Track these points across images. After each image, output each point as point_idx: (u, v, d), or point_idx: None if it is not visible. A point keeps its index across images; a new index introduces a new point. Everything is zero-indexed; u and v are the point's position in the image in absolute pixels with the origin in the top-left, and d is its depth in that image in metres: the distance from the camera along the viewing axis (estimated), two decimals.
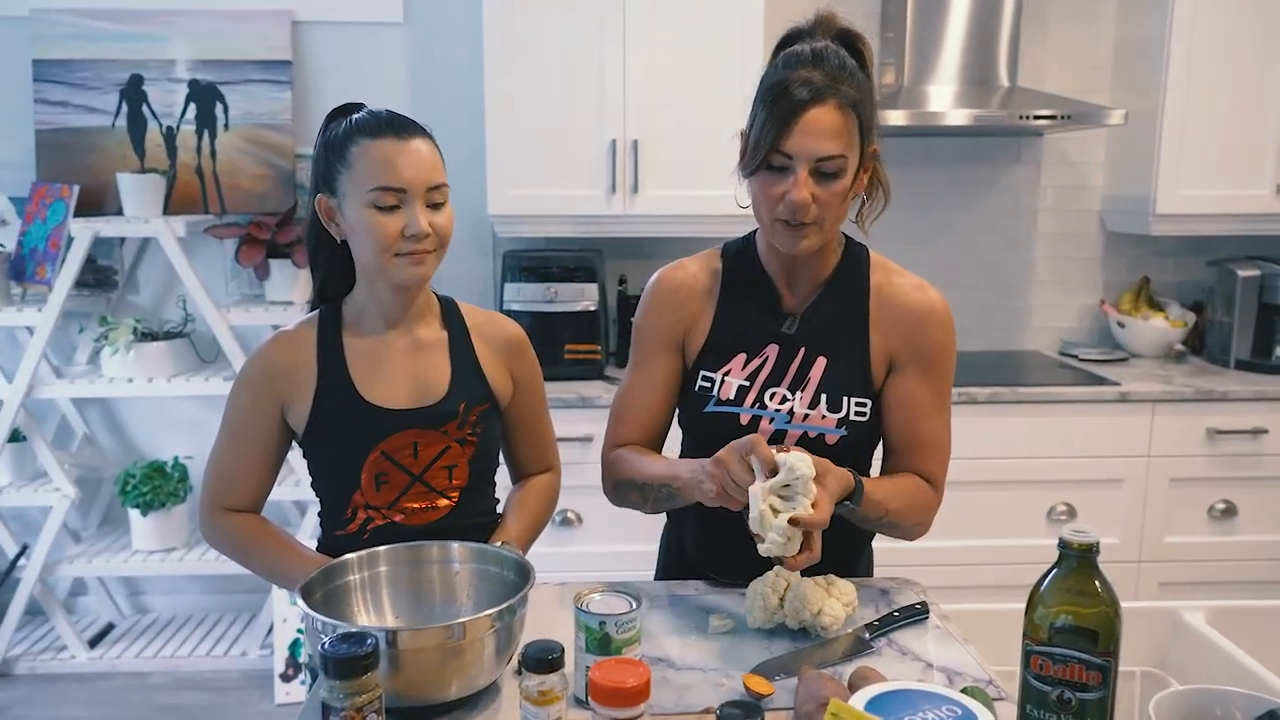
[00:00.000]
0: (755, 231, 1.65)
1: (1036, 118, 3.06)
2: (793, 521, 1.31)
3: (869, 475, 1.65)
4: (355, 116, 1.52)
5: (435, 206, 1.51)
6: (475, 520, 1.64)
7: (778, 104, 1.42)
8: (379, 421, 1.54)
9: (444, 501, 1.59)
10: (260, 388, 1.57)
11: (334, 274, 1.61)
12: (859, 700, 1.07)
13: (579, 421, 2.93)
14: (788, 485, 1.34)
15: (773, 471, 1.34)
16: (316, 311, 1.62)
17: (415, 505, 1.57)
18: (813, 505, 1.32)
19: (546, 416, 1.77)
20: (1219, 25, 3.16)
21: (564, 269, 3.17)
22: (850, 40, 1.50)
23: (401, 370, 1.58)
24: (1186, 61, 3.18)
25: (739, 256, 1.65)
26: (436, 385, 1.58)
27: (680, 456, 1.73)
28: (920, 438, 1.59)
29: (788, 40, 1.52)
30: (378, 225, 1.47)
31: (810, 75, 1.42)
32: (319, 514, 1.64)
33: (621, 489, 1.65)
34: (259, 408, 1.57)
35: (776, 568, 1.47)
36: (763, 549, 1.33)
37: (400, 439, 1.55)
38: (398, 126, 1.49)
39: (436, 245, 1.51)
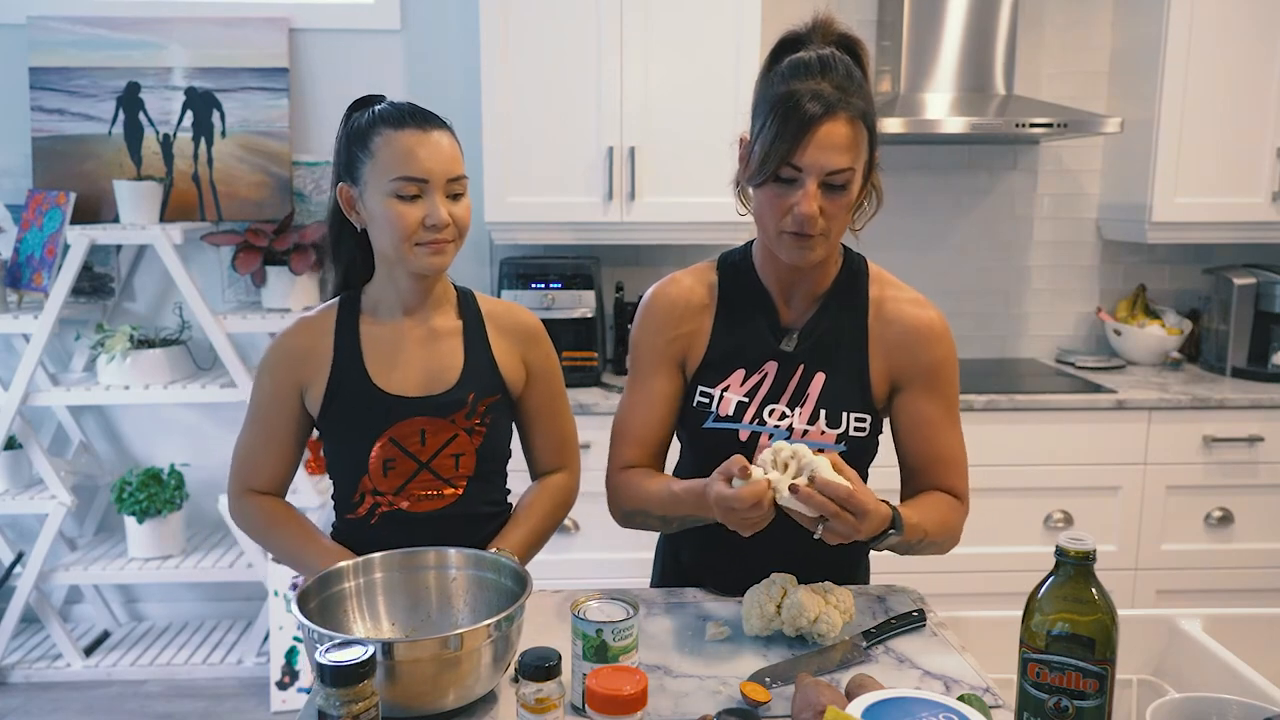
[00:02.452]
0: (751, 243, 1.64)
1: (1033, 126, 3.06)
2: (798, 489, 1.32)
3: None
4: (378, 107, 1.55)
5: (455, 197, 1.54)
6: (483, 509, 1.66)
7: (789, 117, 1.39)
8: (388, 408, 1.57)
9: (450, 490, 1.60)
10: (280, 372, 1.61)
11: (355, 263, 1.64)
12: (856, 708, 1.07)
13: (577, 429, 2.93)
14: (798, 472, 1.34)
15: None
16: (337, 299, 1.65)
17: (422, 492, 1.59)
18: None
19: (565, 411, 1.76)
20: (1215, 33, 3.17)
21: (561, 276, 3.18)
22: (849, 45, 1.48)
23: (415, 358, 1.60)
24: (1183, 70, 3.19)
25: (735, 269, 1.63)
26: (448, 374, 1.60)
27: (678, 470, 1.72)
28: (937, 455, 1.59)
29: (786, 45, 1.49)
30: (399, 214, 1.50)
31: (819, 87, 1.39)
32: (332, 496, 1.67)
33: (632, 517, 1.64)
34: (279, 391, 1.61)
35: (773, 575, 1.47)
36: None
37: (408, 426, 1.57)
38: (420, 118, 1.52)
39: (455, 235, 1.54)
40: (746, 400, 1.57)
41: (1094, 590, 1.08)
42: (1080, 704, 1.07)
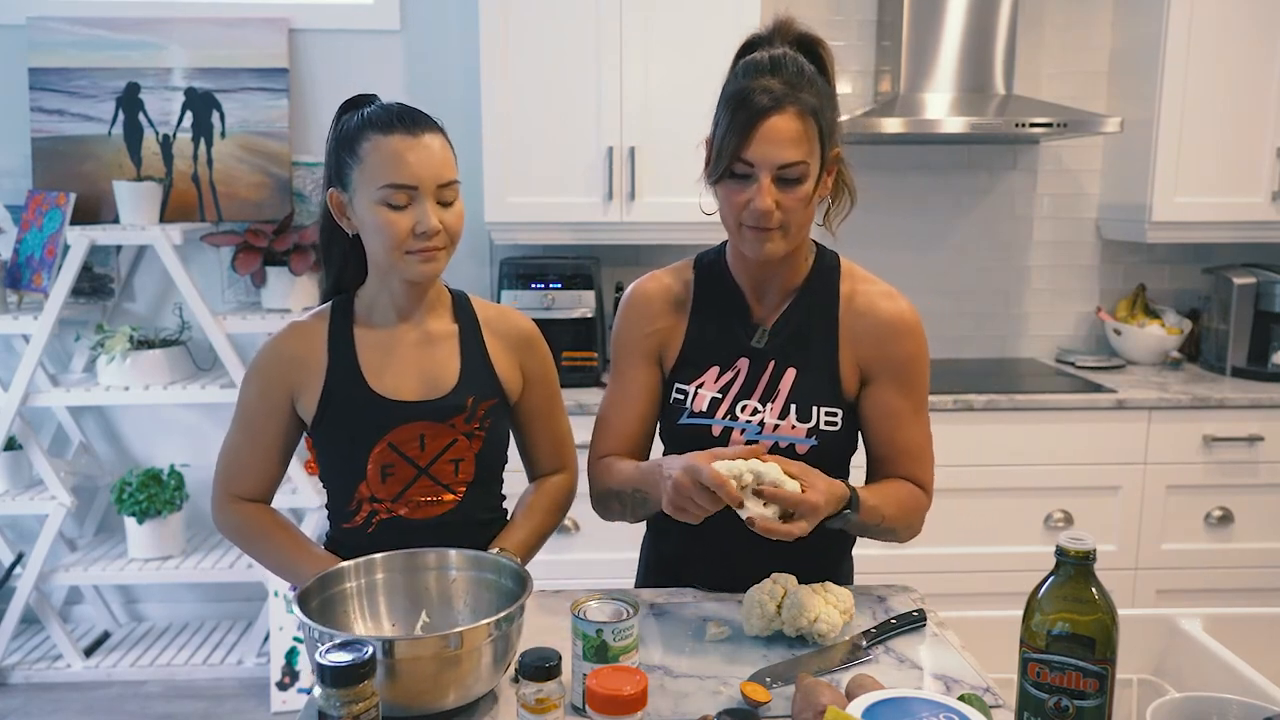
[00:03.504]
0: (727, 242, 1.65)
1: (1032, 125, 3.06)
2: (758, 494, 1.35)
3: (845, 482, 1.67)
4: (367, 110, 1.52)
5: (446, 204, 1.51)
6: (481, 516, 1.65)
7: (738, 113, 1.43)
8: (387, 413, 1.55)
9: (449, 496, 1.59)
10: (271, 377, 1.58)
11: (348, 267, 1.61)
12: (856, 708, 1.07)
13: (576, 428, 2.90)
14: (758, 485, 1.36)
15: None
16: (329, 303, 1.63)
17: (421, 499, 1.57)
18: (804, 490, 1.35)
19: (561, 414, 1.76)
20: (1215, 33, 3.17)
21: (561, 276, 3.18)
22: (810, 45, 1.51)
23: (411, 363, 1.58)
24: (1183, 69, 3.19)
25: (710, 268, 1.66)
26: (445, 379, 1.58)
27: None
28: (902, 447, 1.60)
29: (748, 47, 1.53)
30: (388, 222, 1.47)
31: (769, 83, 1.43)
32: (326, 505, 1.65)
33: (603, 500, 1.66)
34: (269, 396, 1.58)
35: (774, 575, 1.47)
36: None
37: (407, 431, 1.55)
38: (409, 122, 1.49)
39: (447, 242, 1.51)
40: (720, 396, 1.59)
41: (1094, 590, 1.08)
42: (1080, 704, 1.07)
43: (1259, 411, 3.10)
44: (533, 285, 3.15)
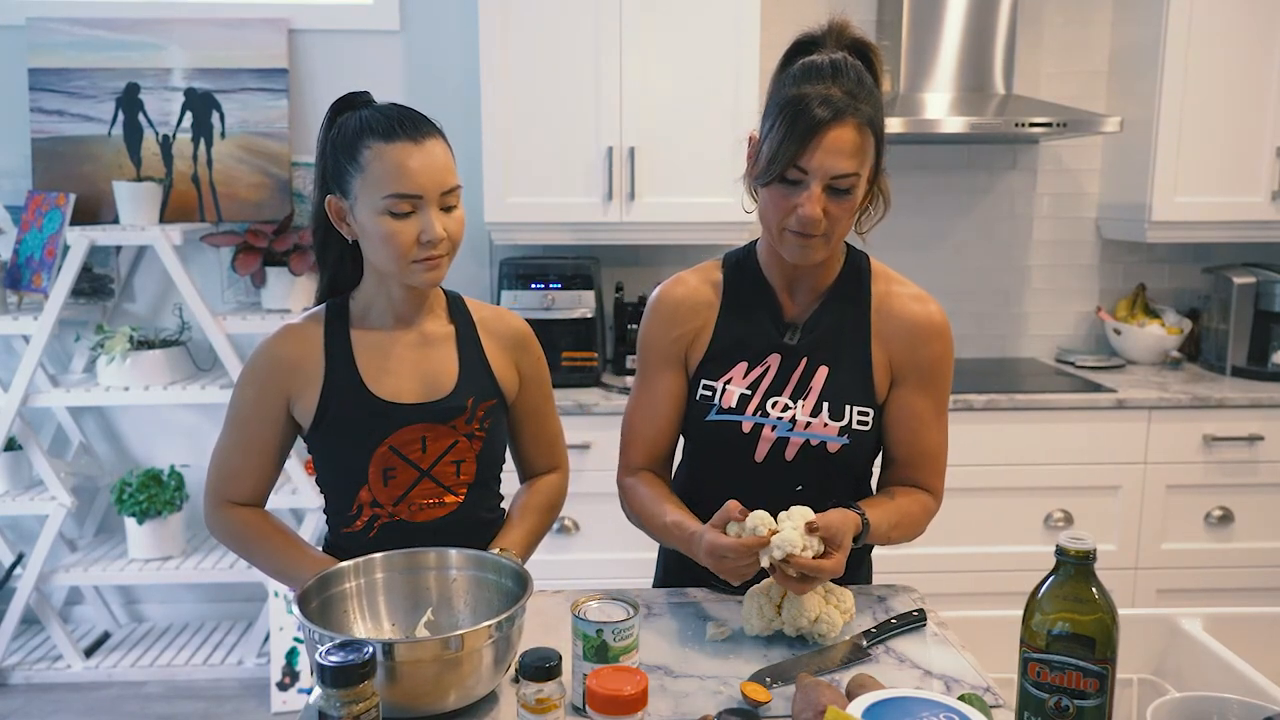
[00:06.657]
0: (755, 241, 1.65)
1: (1032, 125, 3.06)
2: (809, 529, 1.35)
3: (869, 481, 1.68)
4: (366, 114, 1.48)
5: (448, 209, 1.49)
6: (482, 516, 1.64)
7: (798, 120, 1.41)
8: (387, 416, 1.53)
9: (451, 498, 1.58)
10: (266, 381, 1.56)
11: (343, 269, 1.60)
12: (857, 708, 1.07)
13: (577, 429, 2.93)
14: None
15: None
16: (323, 306, 1.61)
17: (423, 501, 1.56)
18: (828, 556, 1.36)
19: (553, 413, 1.76)
20: (1214, 33, 3.17)
21: (561, 276, 3.18)
22: (862, 49, 1.50)
23: (409, 364, 1.57)
24: (1183, 69, 3.19)
25: (740, 266, 1.65)
26: (444, 380, 1.58)
27: (681, 464, 1.74)
28: (922, 451, 1.61)
29: (800, 48, 1.50)
30: (393, 233, 1.45)
31: (830, 92, 1.41)
32: (324, 510, 1.64)
33: (634, 522, 1.67)
34: (264, 401, 1.56)
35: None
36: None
37: (409, 433, 1.54)
38: (411, 128, 1.46)
39: (450, 249, 1.50)
40: (749, 393, 1.58)
41: (1094, 590, 1.08)
42: (1081, 703, 1.07)
43: (1259, 411, 3.10)
44: (533, 285, 3.15)
